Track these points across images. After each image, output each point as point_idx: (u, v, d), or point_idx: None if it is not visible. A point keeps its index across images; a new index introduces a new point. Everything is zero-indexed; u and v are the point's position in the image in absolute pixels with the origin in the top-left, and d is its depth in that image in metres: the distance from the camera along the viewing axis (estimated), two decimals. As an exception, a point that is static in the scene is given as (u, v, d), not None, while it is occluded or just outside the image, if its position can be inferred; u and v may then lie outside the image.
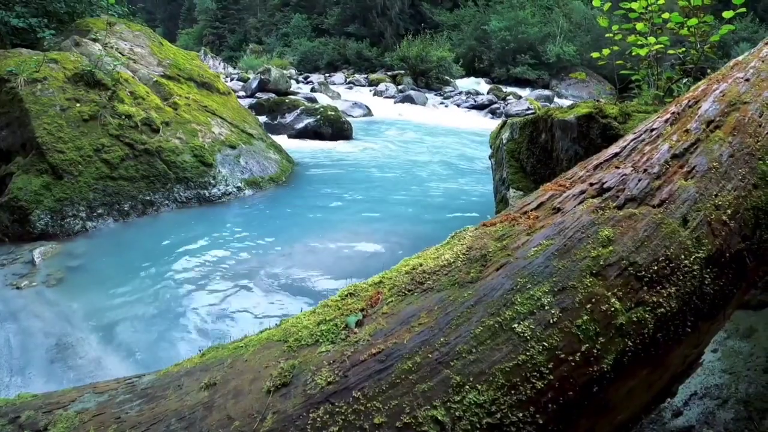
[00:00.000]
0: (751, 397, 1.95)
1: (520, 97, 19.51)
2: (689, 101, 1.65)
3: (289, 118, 11.18)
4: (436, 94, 21.49)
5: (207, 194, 6.25)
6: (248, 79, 17.94)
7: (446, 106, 19.08)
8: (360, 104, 16.01)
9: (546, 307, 1.13)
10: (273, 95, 14.01)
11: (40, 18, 6.91)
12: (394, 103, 18.71)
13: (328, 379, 1.08)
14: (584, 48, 24.51)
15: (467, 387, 1.05)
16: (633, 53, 4.12)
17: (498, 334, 1.10)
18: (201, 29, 45.29)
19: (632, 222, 1.26)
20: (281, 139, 9.74)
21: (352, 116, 14.21)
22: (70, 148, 5.34)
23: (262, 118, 10.70)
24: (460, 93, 21.38)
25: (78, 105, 5.62)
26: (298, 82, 21.53)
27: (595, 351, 1.10)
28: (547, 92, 21.61)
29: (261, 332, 1.34)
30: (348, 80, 25.28)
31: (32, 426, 1.19)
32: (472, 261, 1.26)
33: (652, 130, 1.56)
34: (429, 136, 12.49)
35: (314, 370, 1.11)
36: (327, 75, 27.41)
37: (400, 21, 33.52)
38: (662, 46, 3.95)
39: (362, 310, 1.24)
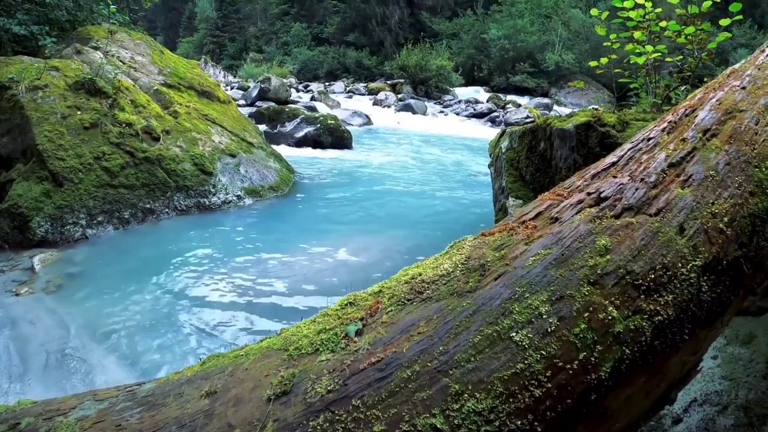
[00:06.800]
0: (751, 403, 1.95)
1: (519, 106, 19.58)
2: (686, 110, 1.66)
3: (288, 126, 11.22)
4: (435, 103, 21.57)
5: (207, 202, 6.26)
6: (248, 87, 18.03)
7: (445, 115, 19.14)
8: (360, 113, 16.07)
9: (544, 316, 1.13)
10: (273, 104, 14.05)
11: (41, 26, 6.93)
12: (394, 111, 18.76)
13: (328, 388, 1.09)
14: (583, 56, 24.62)
15: (466, 395, 1.05)
16: (631, 61, 4.14)
17: (496, 343, 1.11)
18: (201, 38, 45.47)
19: (629, 231, 1.27)
20: (281, 148, 9.77)
21: (352, 125, 14.27)
22: (71, 155, 5.36)
23: (262, 127, 10.73)
24: (460, 101, 21.44)
25: (79, 113, 5.64)
26: (297, 90, 21.59)
27: (593, 359, 1.11)
28: (546, 100, 21.66)
29: (261, 341, 1.34)
30: (348, 89, 25.38)
31: (32, 434, 1.19)
32: (471, 270, 1.26)
33: (649, 139, 1.57)
34: (428, 145, 12.52)
35: (314, 379, 1.12)
36: (327, 84, 27.53)
37: (400, 30, 33.66)
38: (660, 54, 3.97)
39: (362, 319, 1.24)
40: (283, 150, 9.58)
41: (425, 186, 8.17)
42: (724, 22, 3.55)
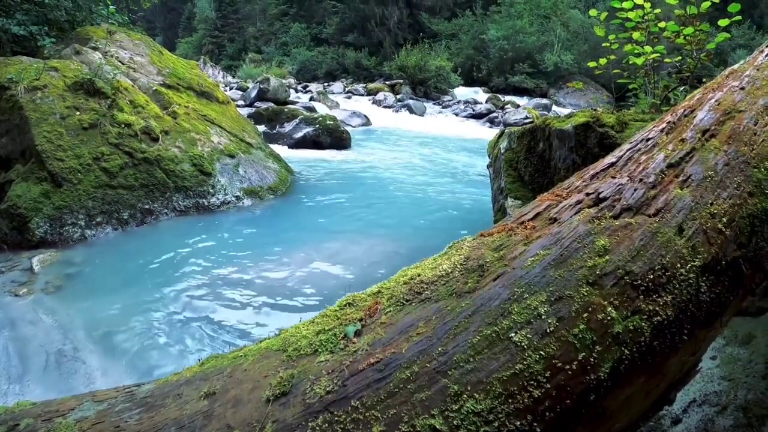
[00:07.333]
0: (750, 403, 1.95)
1: (518, 106, 19.56)
2: (685, 110, 1.66)
3: (287, 127, 11.21)
4: (434, 103, 21.56)
5: (206, 203, 6.26)
6: (247, 88, 18.00)
7: (445, 115, 19.13)
8: (359, 113, 16.06)
9: (543, 317, 1.13)
10: (272, 104, 14.02)
11: (40, 26, 6.93)
12: (393, 112, 18.76)
13: (327, 389, 1.09)
14: (582, 57, 24.62)
15: (465, 396, 1.05)
16: (630, 62, 4.15)
17: (495, 344, 1.11)
18: (200, 38, 45.44)
19: (628, 231, 1.27)
20: (280, 149, 9.76)
21: (351, 125, 14.26)
22: (70, 156, 5.35)
23: (261, 128, 10.71)
24: (459, 102, 21.42)
25: (78, 113, 5.64)
26: (296, 91, 21.56)
27: (592, 360, 1.11)
28: (545, 101, 21.64)
29: (260, 342, 1.34)
30: (347, 89, 25.36)
31: (31, 435, 1.19)
32: (470, 271, 1.26)
33: (647, 140, 1.57)
34: (427, 146, 12.52)
35: (313, 380, 1.12)
36: (326, 84, 27.52)
37: (399, 30, 33.65)
38: (659, 54, 3.98)
39: (361, 320, 1.24)
40: (281, 150, 9.58)
41: (424, 186, 8.16)
42: (723, 22, 3.56)
